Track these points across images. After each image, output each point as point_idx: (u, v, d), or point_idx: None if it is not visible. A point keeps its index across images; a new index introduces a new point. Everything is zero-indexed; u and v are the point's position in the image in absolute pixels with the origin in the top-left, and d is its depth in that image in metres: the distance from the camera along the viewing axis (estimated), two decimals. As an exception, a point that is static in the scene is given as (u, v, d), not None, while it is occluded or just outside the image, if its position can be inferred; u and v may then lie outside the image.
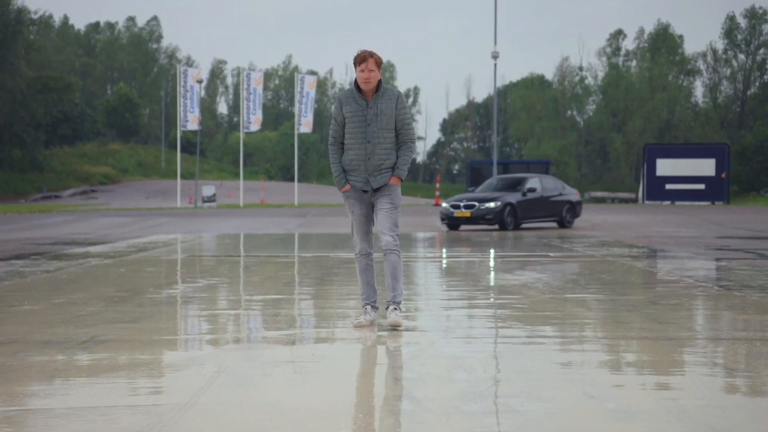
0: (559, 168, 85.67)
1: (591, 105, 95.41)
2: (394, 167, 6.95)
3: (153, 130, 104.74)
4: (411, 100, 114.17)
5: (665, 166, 52.61)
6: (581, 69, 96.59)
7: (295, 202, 50.92)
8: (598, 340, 6.51)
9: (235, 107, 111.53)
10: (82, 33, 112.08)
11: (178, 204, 49.14)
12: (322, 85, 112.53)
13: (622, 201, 64.38)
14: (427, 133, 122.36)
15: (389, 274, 6.91)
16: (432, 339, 6.43)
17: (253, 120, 51.86)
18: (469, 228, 25.45)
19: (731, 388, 4.93)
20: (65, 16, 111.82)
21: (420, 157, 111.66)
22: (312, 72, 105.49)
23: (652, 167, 52.78)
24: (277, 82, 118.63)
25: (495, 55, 48.75)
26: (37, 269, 12.42)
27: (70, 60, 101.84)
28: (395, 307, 6.87)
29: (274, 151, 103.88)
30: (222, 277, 11.44)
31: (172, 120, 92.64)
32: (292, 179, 77.27)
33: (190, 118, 50.49)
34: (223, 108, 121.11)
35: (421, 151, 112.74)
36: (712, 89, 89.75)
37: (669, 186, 52.52)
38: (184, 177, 63.59)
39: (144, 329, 6.97)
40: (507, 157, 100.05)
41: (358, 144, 6.86)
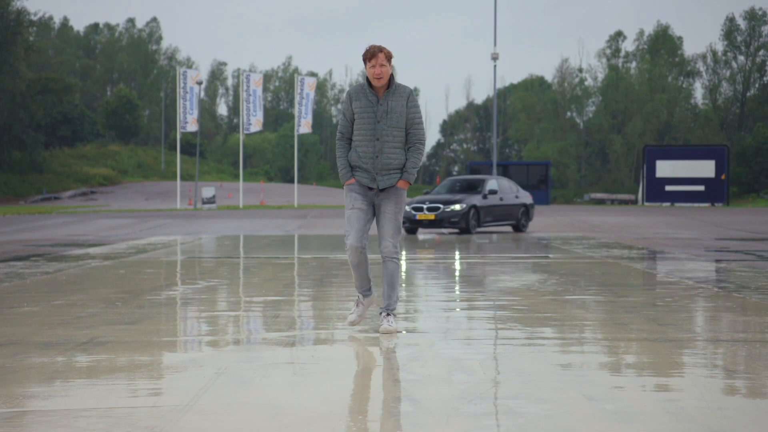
0: (559, 169, 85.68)
1: (591, 106, 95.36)
2: (402, 169, 6.74)
3: (153, 132, 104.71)
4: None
5: (665, 168, 52.67)
6: (581, 70, 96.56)
7: (295, 204, 50.92)
8: (597, 341, 6.51)
9: (235, 109, 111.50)
10: (81, 34, 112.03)
11: (178, 205, 49.13)
12: (322, 86, 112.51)
13: (622, 202, 64.35)
14: (426, 134, 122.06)
15: (386, 282, 6.76)
16: (431, 340, 6.43)
17: (254, 121, 51.87)
18: (430, 232, 24.56)
19: (731, 389, 4.93)
20: (65, 17, 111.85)
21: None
22: (312, 73, 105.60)
23: (652, 169, 52.83)
24: (277, 84, 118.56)
25: (495, 57, 48.75)
26: (36, 271, 12.41)
27: (69, 61, 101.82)
28: (388, 313, 6.78)
29: (273, 153, 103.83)
30: (222, 279, 11.43)
31: (171, 121, 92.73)
32: (291, 181, 77.26)
33: (189, 119, 50.48)
34: (223, 109, 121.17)
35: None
36: (712, 91, 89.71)
37: (668, 187, 52.58)
38: (183, 178, 63.60)
39: (144, 331, 6.96)
40: (507, 159, 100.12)
41: (366, 141, 6.65)
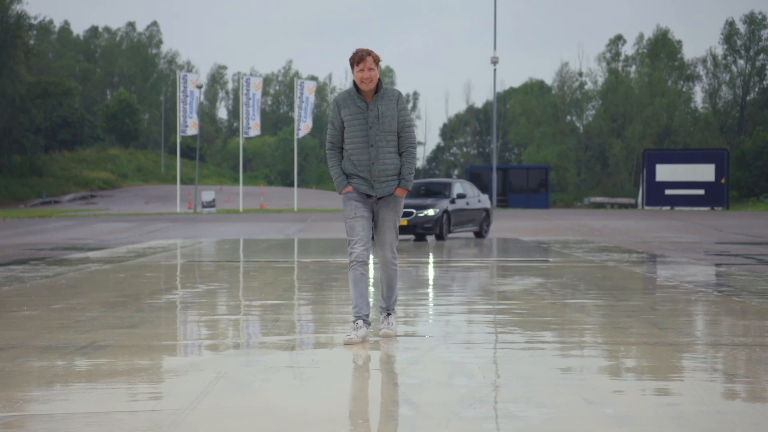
0: (559, 173, 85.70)
1: (590, 110, 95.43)
2: (398, 175, 6.58)
3: (152, 136, 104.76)
4: (411, 105, 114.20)
5: (665, 172, 52.66)
6: (581, 74, 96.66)
7: (295, 207, 50.89)
8: (597, 345, 6.51)
9: (234, 112, 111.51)
10: (81, 38, 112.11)
11: (178, 209, 49.11)
12: (322, 90, 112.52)
13: (622, 206, 64.36)
14: (426, 138, 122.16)
15: (385, 285, 6.79)
16: (431, 344, 6.43)
17: (252, 125, 51.87)
18: (402, 238, 22.41)
19: (731, 393, 4.92)
20: (65, 21, 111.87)
21: (419, 162, 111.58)
22: (312, 77, 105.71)
23: (652, 173, 52.81)
24: (277, 88, 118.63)
25: (494, 61, 48.86)
26: (36, 274, 12.41)
27: (69, 65, 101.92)
28: (389, 313, 6.81)
29: (273, 156, 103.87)
30: (221, 283, 11.43)
31: (171, 125, 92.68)
32: (291, 184, 77.29)
33: (189, 123, 50.48)
34: (223, 113, 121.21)
35: (420, 156, 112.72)
36: (712, 95, 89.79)
37: (668, 191, 52.55)
38: (183, 182, 63.56)
39: (143, 334, 6.96)
40: (506, 163, 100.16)
41: (360, 149, 6.49)
